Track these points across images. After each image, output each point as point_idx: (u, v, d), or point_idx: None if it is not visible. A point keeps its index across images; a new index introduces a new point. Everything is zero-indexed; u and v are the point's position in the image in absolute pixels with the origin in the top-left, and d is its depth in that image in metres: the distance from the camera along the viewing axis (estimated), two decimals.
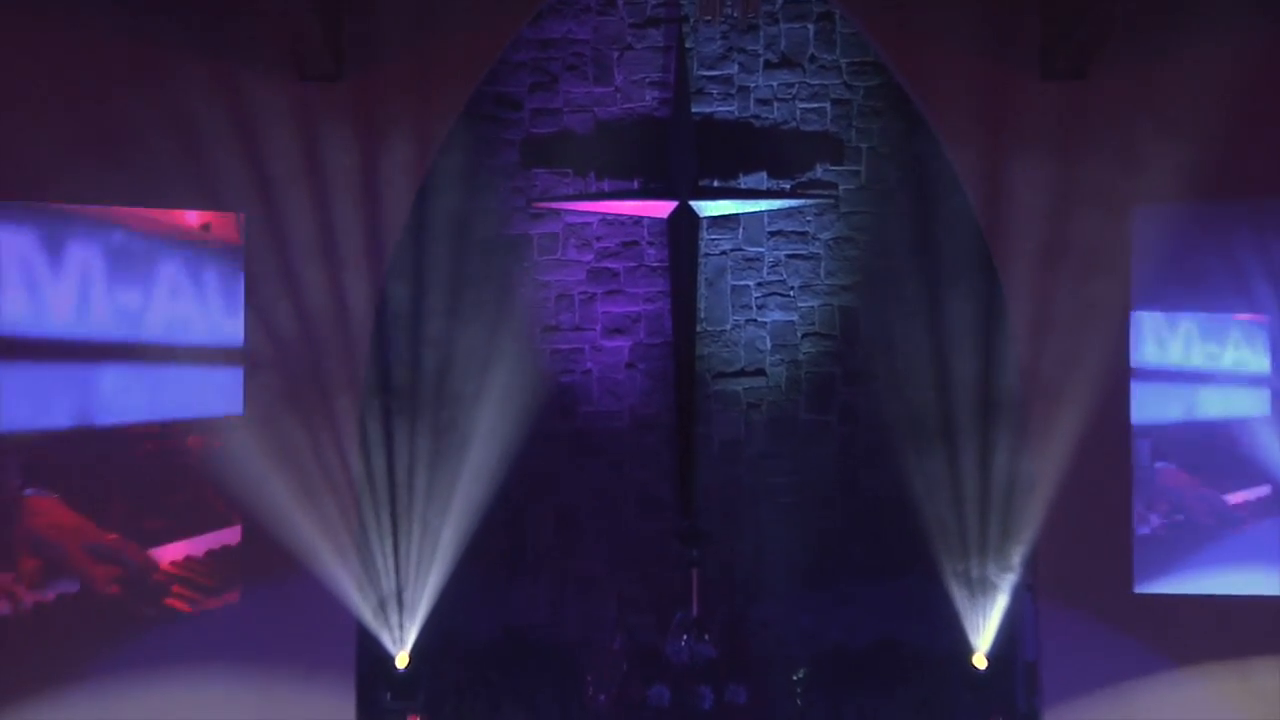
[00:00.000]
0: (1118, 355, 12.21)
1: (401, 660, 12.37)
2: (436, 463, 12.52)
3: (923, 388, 12.71)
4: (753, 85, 13.09)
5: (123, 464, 11.80)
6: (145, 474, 11.85)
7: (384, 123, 12.17)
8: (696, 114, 12.91)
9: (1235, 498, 12.21)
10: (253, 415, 11.90)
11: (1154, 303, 12.13)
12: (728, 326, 13.17)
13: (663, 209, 12.82)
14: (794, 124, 13.09)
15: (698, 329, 13.02)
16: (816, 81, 13.08)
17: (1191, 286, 12.12)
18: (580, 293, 13.12)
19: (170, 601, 11.89)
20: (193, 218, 11.95)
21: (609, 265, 13.16)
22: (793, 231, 13.15)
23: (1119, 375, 12.20)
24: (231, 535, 11.99)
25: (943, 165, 12.54)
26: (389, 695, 12.32)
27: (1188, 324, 12.10)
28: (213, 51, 11.86)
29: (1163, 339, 12.14)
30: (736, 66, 13.10)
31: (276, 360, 12.04)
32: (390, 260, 12.28)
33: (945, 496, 12.55)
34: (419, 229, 12.60)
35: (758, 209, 13.01)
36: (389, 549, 12.38)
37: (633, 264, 13.15)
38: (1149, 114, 12.15)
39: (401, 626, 12.39)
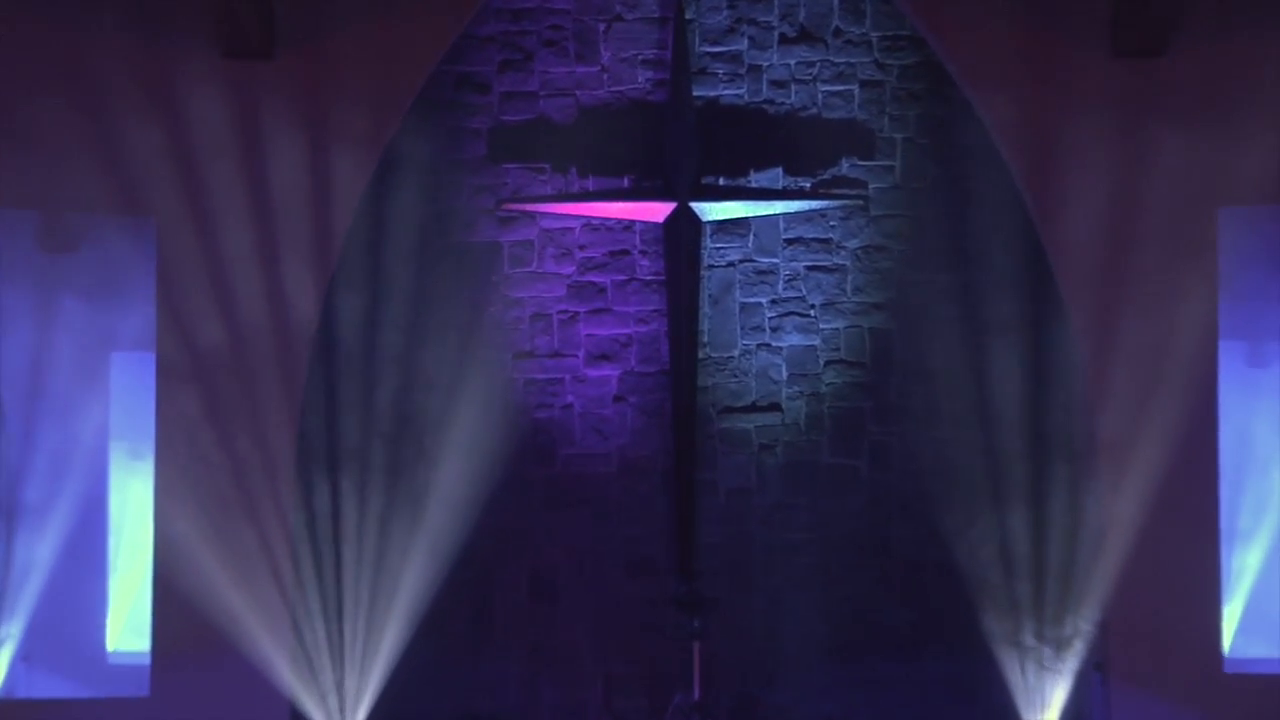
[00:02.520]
0: (1202, 386, 11.87)
1: None
2: (389, 515, 12.31)
3: (968, 426, 12.44)
4: (766, 64, 12.83)
5: None
6: None
7: (325, 109, 11.96)
8: (698, 98, 12.67)
9: None
10: (166, 454, 11.78)
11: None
12: (736, 352, 12.81)
13: (658, 212, 12.56)
14: (815, 110, 12.83)
15: (700, 355, 12.71)
16: (842, 59, 12.84)
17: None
18: (560, 312, 12.79)
19: None
20: None
21: (594, 279, 12.82)
22: (813, 239, 12.83)
23: (1204, 410, 11.86)
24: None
25: (992, 159, 12.29)
26: None
27: None
28: (122, 21, 11.73)
29: None
30: (746, 41, 12.85)
31: (195, 388, 11.88)
32: (333, 273, 12.05)
33: (995, 556, 12.30)
34: (367, 235, 12.42)
35: (772, 212, 12.72)
36: (332, 618, 12.15)
37: (622, 277, 12.82)
38: (1240, 95, 11.87)
39: (344, 712, 12.06)
